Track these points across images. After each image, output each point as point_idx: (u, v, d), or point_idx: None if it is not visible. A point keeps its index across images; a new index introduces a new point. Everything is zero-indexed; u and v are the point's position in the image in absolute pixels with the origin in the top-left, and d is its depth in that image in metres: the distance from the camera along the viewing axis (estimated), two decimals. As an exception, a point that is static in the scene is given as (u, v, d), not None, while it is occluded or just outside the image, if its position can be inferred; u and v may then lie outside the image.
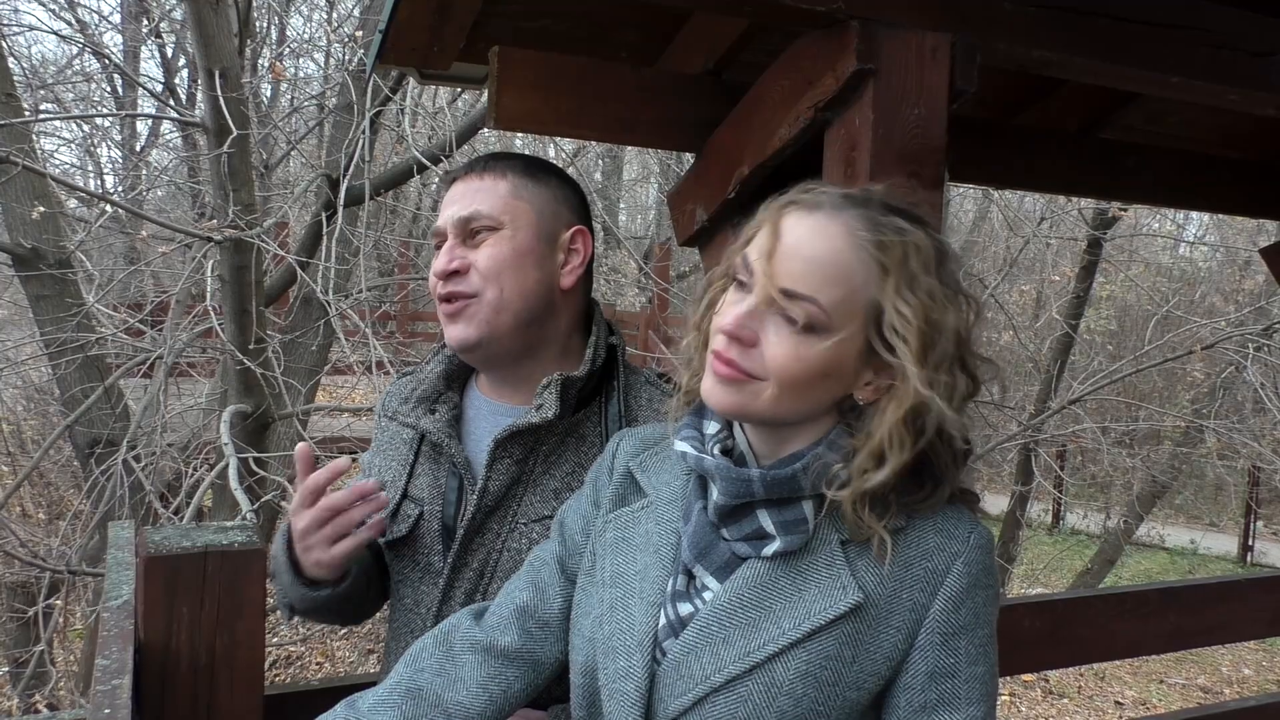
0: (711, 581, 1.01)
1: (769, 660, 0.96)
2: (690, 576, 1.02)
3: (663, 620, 1.01)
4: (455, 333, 1.34)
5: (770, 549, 0.99)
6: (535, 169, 1.42)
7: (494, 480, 1.32)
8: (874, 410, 0.99)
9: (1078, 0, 1.62)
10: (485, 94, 2.02)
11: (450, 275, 1.34)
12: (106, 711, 1.03)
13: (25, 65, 8.59)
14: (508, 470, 1.32)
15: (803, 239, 0.97)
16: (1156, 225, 11.67)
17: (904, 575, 0.98)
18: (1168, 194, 2.58)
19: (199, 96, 8.91)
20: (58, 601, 4.66)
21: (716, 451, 1.03)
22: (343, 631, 6.72)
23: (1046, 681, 7.88)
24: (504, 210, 1.35)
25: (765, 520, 0.99)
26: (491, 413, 1.40)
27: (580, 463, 1.34)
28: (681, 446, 1.04)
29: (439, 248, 1.38)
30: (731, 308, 0.99)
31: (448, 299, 1.34)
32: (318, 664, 6.54)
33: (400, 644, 1.37)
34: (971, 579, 0.99)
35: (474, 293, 1.33)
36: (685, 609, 1.01)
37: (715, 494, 1.01)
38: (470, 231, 1.35)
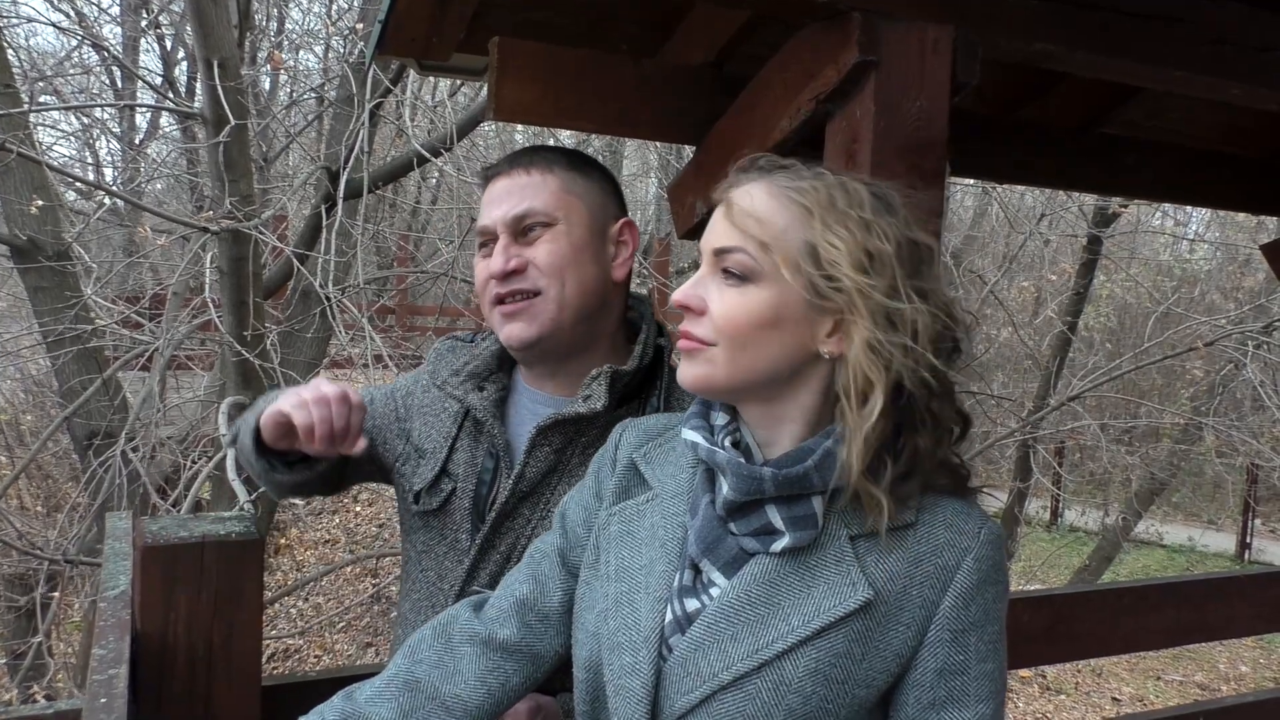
0: (718, 577, 1.00)
1: (778, 658, 0.95)
2: (697, 571, 1.01)
3: (669, 616, 1.00)
4: (515, 331, 1.33)
5: (779, 545, 0.97)
6: (578, 162, 1.41)
7: (531, 467, 1.32)
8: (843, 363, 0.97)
9: (1078, -7, 1.61)
10: (484, 88, 2.01)
11: (509, 275, 1.32)
12: (103, 701, 1.02)
13: (24, 57, 8.57)
14: (545, 458, 1.33)
15: (731, 202, 1.00)
16: (1157, 222, 11.67)
17: (914, 571, 0.97)
18: (1168, 190, 2.58)
19: (198, 87, 8.90)
20: (55, 593, 4.66)
21: (728, 444, 1.01)
22: (340, 625, 6.73)
23: (1044, 677, 7.89)
24: (557, 206, 1.34)
25: (774, 516, 0.97)
26: (530, 400, 1.40)
27: None
28: (691, 436, 1.02)
29: (483, 246, 1.37)
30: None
31: (506, 298, 1.33)
32: (315, 657, 6.55)
33: (420, 616, 1.38)
34: (982, 575, 0.98)
35: (536, 290, 1.32)
36: (692, 605, 0.99)
37: (725, 489, 0.99)
38: (524, 229, 1.33)
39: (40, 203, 4.43)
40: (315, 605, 7.02)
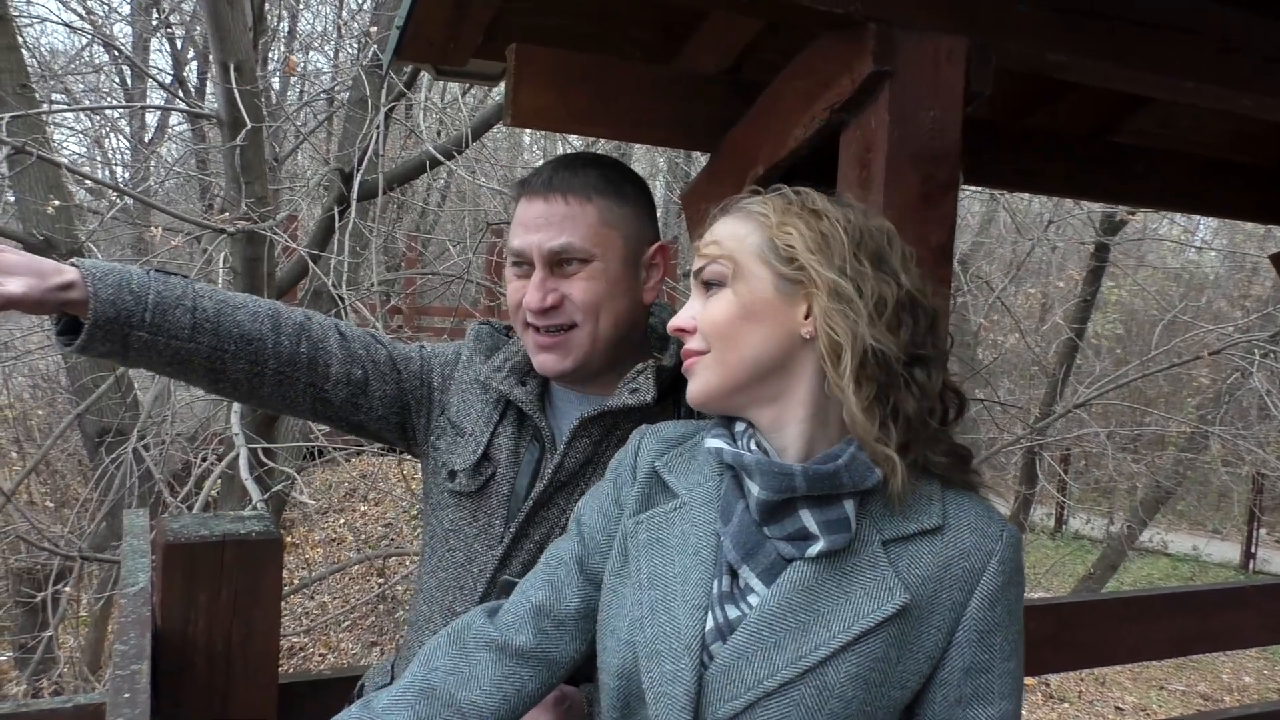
0: (757, 584, 1.02)
1: (821, 664, 0.98)
2: (735, 577, 1.03)
3: (710, 623, 1.02)
4: (549, 362, 1.35)
5: (814, 549, 1.00)
6: (615, 182, 1.40)
7: (570, 457, 1.34)
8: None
9: (1091, 4, 1.62)
10: (494, 88, 2.02)
11: (545, 311, 1.34)
12: (126, 695, 1.04)
13: (36, 56, 8.61)
14: (584, 449, 1.35)
15: (703, 239, 1.12)
16: (1165, 229, 11.65)
17: (943, 575, 1.01)
18: (1177, 199, 2.58)
19: (210, 89, 8.93)
20: (67, 588, 4.69)
21: (753, 446, 1.05)
22: (345, 624, 6.75)
23: (1047, 685, 7.88)
24: (595, 242, 1.34)
25: (808, 520, 1.00)
26: (563, 400, 1.42)
27: None
28: (715, 443, 1.06)
29: (517, 264, 1.38)
30: None
31: (541, 329, 1.35)
32: (320, 655, 6.56)
33: (447, 595, 1.39)
34: (1006, 576, 1.03)
35: (572, 324, 1.34)
36: (733, 612, 1.02)
37: (756, 490, 1.02)
38: (560, 261, 1.34)
39: (57, 203, 4.46)
40: (321, 604, 7.05)
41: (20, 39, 5.09)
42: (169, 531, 1.31)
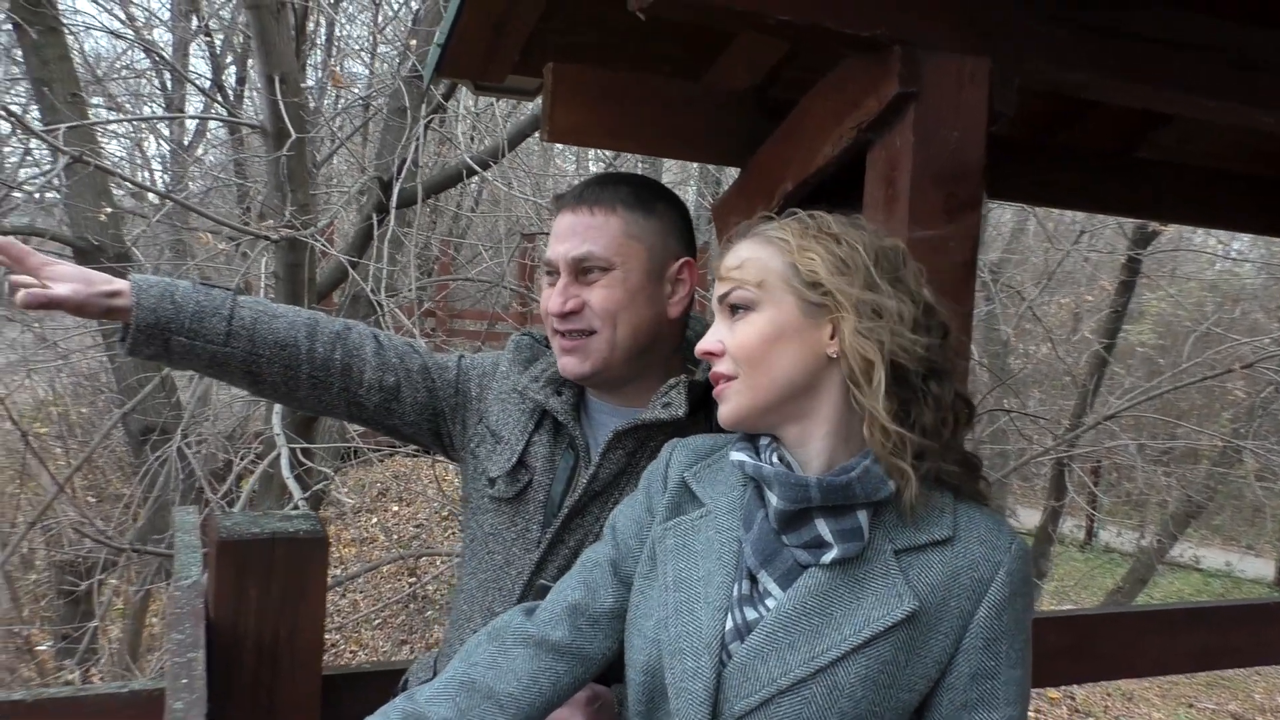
0: (774, 588, 1.08)
1: (832, 665, 1.03)
2: (754, 582, 1.10)
3: (729, 624, 1.08)
4: (570, 365, 1.42)
5: (829, 556, 1.06)
6: (645, 197, 1.46)
7: (604, 467, 1.40)
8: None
9: (1114, 24, 1.65)
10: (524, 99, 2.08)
11: (566, 315, 1.41)
12: (184, 681, 1.11)
13: (79, 61, 8.80)
14: (618, 460, 1.41)
15: (724, 263, 1.17)
16: (1199, 240, 11.53)
17: (952, 584, 1.06)
18: (1202, 213, 2.59)
19: (254, 98, 9.08)
20: (111, 580, 4.82)
21: (775, 459, 1.11)
22: (376, 622, 6.85)
23: (1073, 699, 7.82)
24: (616, 251, 1.40)
25: (823, 529, 1.06)
26: (598, 411, 1.48)
27: None
28: (739, 456, 1.12)
29: (549, 274, 1.45)
30: None
31: (563, 333, 1.42)
32: (351, 653, 6.66)
33: (487, 595, 1.45)
34: (1013, 588, 1.08)
35: (590, 329, 1.40)
36: (751, 614, 1.08)
37: (774, 500, 1.08)
38: (583, 269, 1.41)
39: (109, 209, 4.59)
40: (353, 602, 7.15)
41: (69, 50, 5.23)
42: (222, 528, 1.38)
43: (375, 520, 8.59)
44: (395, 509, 8.92)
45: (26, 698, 1.45)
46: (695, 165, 11.09)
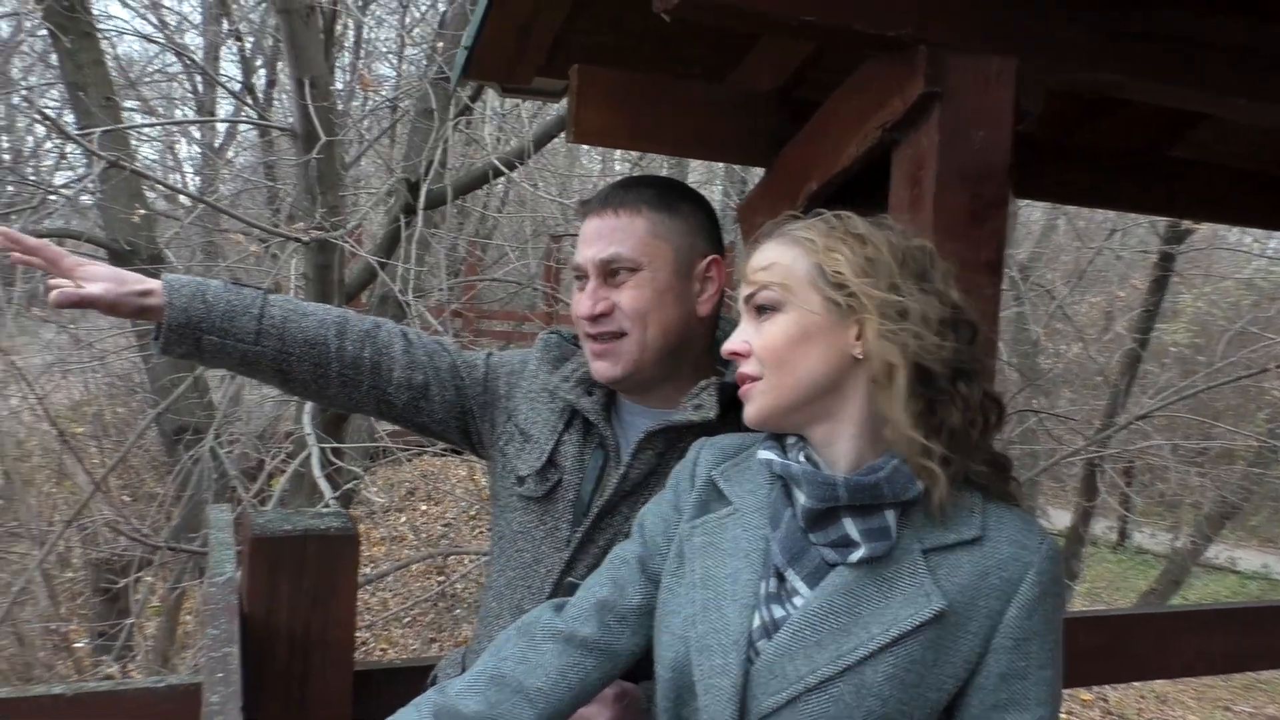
0: (802, 586, 1.09)
1: (859, 664, 1.04)
2: (781, 580, 1.10)
3: (757, 621, 1.09)
4: (602, 369, 1.44)
5: (856, 555, 1.06)
6: (669, 198, 1.47)
7: (635, 468, 1.42)
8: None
9: (1142, 24, 1.64)
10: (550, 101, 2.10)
11: (597, 317, 1.42)
12: (220, 675, 1.13)
13: (112, 65, 8.93)
14: (648, 461, 1.42)
15: (750, 263, 1.18)
16: (1234, 238, 11.35)
17: (981, 584, 1.06)
18: (1234, 212, 2.57)
19: (284, 100, 9.17)
20: (148, 578, 4.91)
21: (802, 458, 1.12)
22: (405, 620, 6.90)
23: (1105, 701, 7.74)
24: (643, 251, 1.41)
25: (850, 528, 1.07)
26: (629, 413, 1.50)
27: None
28: (766, 455, 1.14)
29: (579, 279, 1.47)
30: None
31: (594, 336, 1.43)
32: (381, 650, 6.72)
33: (515, 593, 1.47)
34: (1043, 588, 1.07)
35: (620, 331, 1.42)
36: (778, 612, 1.09)
37: (802, 498, 1.09)
38: (610, 272, 1.42)
39: (142, 211, 4.68)
40: (382, 600, 7.22)
41: (103, 55, 5.33)
42: (255, 526, 1.41)
43: (404, 519, 8.66)
44: (423, 508, 8.98)
45: (67, 692, 1.49)
46: (721, 165, 11.09)
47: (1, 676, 4.97)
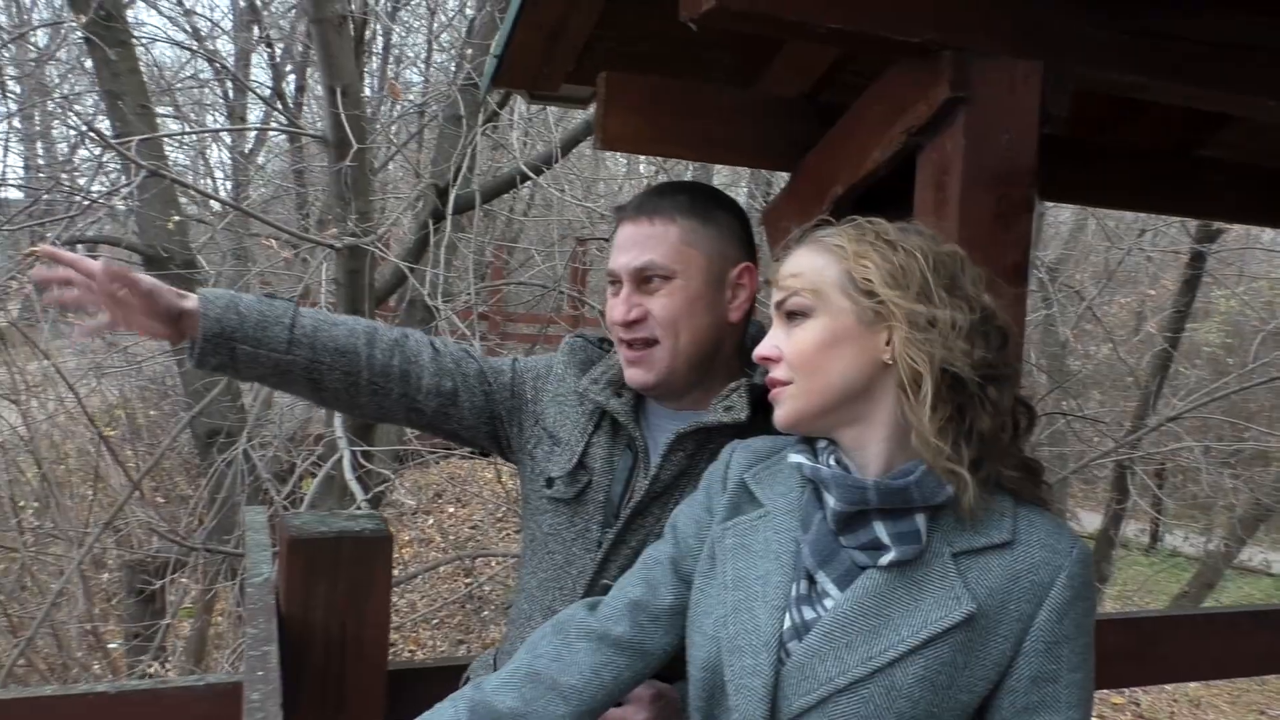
0: (832, 588, 1.10)
1: (889, 665, 1.05)
2: (812, 582, 1.12)
3: (788, 623, 1.11)
4: (635, 376, 1.45)
5: (886, 559, 1.08)
6: (703, 205, 1.48)
7: (665, 469, 1.43)
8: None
9: (1166, 26, 1.64)
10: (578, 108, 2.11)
11: (629, 324, 1.44)
12: (260, 673, 1.16)
13: (145, 71, 9.07)
14: (679, 462, 1.44)
15: (780, 269, 1.18)
16: (1268, 237, 11.19)
17: (1012, 588, 1.07)
18: (1265, 213, 2.55)
19: (313, 105, 9.26)
20: (183, 579, 4.98)
21: (832, 462, 1.14)
22: (434, 621, 6.96)
23: (1137, 705, 7.65)
24: (676, 259, 1.43)
25: (881, 531, 1.08)
26: (657, 416, 1.52)
27: None
28: (797, 458, 1.15)
29: (612, 284, 1.49)
30: None
31: (628, 343, 1.45)
32: (410, 651, 6.77)
33: (547, 595, 1.49)
34: (1074, 591, 1.08)
35: (653, 338, 1.43)
36: (809, 614, 1.10)
37: (832, 501, 1.10)
38: (644, 279, 1.44)
39: (177, 218, 4.76)
40: (410, 602, 7.28)
41: (138, 64, 5.42)
42: (291, 527, 1.44)
43: (432, 521, 8.73)
44: (451, 510, 9.05)
45: (109, 690, 1.53)
46: (746, 169, 11.08)
47: (39, 676, 5.06)
